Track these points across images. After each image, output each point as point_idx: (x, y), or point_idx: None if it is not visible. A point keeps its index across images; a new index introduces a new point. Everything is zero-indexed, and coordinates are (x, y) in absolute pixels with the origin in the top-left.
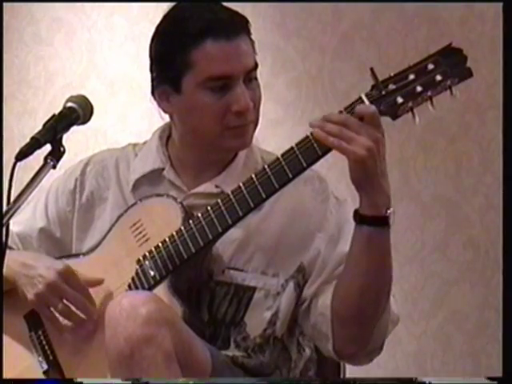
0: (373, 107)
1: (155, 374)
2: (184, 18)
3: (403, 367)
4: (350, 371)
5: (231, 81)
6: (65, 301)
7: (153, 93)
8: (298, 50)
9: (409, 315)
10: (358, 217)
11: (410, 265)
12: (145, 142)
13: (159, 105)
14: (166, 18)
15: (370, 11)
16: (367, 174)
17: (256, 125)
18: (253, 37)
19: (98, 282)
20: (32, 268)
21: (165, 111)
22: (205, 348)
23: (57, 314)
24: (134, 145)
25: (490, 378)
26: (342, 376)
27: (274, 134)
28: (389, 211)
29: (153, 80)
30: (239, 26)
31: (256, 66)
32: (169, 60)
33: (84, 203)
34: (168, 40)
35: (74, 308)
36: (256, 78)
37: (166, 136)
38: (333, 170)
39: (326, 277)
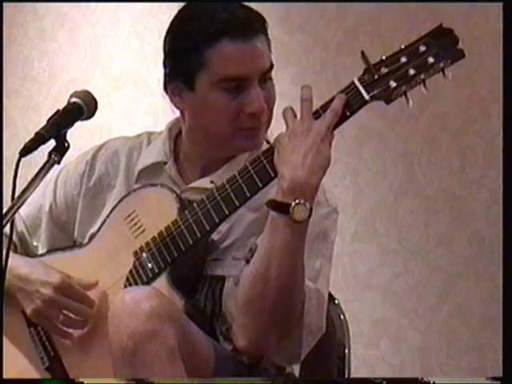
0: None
1: (159, 370)
2: (200, 15)
3: (408, 362)
4: (355, 368)
5: (246, 82)
6: (65, 311)
7: (165, 87)
8: (302, 45)
9: (414, 310)
10: (268, 200)
11: (415, 259)
12: (161, 132)
13: (171, 100)
14: (181, 13)
15: (374, 6)
16: (278, 154)
17: (268, 125)
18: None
19: (92, 286)
20: (28, 282)
21: (176, 107)
22: (208, 342)
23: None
24: (150, 133)
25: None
26: (346, 374)
27: (278, 130)
28: (296, 201)
29: (166, 75)
30: (256, 25)
31: (272, 66)
32: (183, 57)
33: (91, 188)
34: (182, 37)
35: (73, 316)
36: (271, 78)
37: (177, 129)
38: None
39: None
